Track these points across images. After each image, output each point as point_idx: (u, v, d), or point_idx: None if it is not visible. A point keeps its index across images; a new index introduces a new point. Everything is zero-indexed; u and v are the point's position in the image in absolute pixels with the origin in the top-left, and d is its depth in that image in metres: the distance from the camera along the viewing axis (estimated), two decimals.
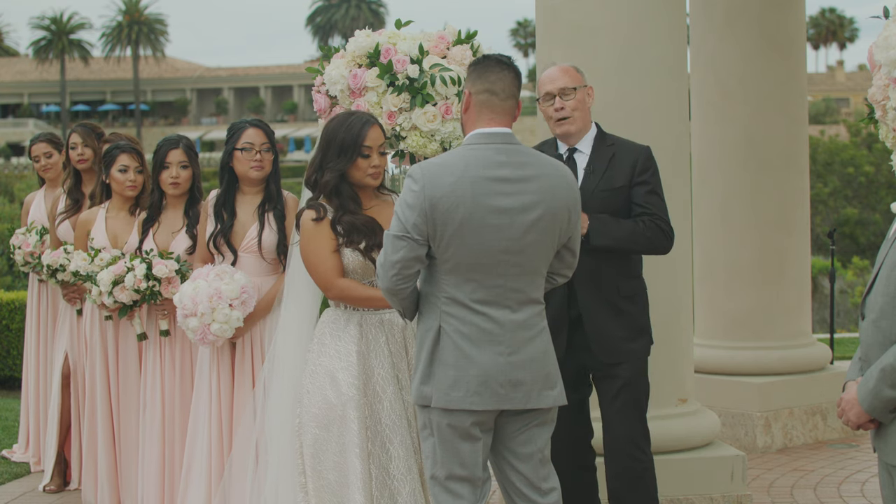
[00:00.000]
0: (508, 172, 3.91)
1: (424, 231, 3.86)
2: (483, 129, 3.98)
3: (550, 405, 4.02)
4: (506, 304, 3.92)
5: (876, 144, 28.58)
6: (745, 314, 7.63)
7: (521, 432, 4.03)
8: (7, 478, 7.07)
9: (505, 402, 3.93)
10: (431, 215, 3.85)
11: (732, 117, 7.65)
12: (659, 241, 4.78)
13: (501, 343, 3.91)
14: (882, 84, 4.06)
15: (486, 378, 3.89)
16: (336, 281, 4.48)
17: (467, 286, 3.90)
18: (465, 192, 3.85)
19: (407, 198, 3.89)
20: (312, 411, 4.47)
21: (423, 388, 3.97)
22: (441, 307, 3.93)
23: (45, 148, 7.32)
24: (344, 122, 4.55)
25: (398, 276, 3.91)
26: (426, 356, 3.96)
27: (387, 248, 3.93)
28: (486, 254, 3.87)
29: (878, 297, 3.50)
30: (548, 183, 3.95)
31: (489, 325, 3.90)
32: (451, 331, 3.91)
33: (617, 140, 4.92)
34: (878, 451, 3.57)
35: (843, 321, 18.88)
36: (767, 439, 7.40)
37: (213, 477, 5.27)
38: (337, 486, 4.42)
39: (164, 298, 5.57)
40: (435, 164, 3.94)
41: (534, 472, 4.06)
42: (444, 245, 3.87)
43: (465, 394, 3.89)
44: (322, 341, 4.55)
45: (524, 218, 3.89)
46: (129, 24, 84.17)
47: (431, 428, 4.00)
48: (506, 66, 4.04)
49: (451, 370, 3.90)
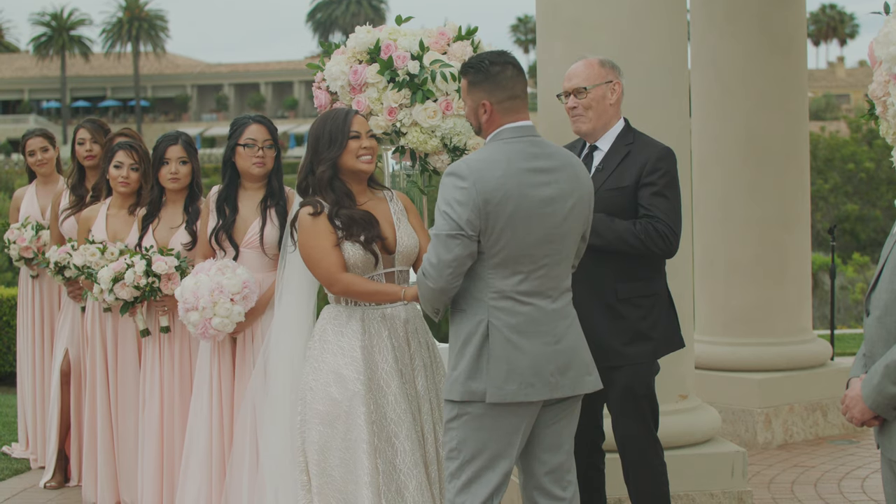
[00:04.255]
0: (544, 163, 4.02)
1: (477, 226, 3.92)
2: (511, 123, 4.07)
3: (592, 389, 4.14)
4: (547, 294, 4.02)
5: (876, 141, 28.58)
6: (746, 310, 7.63)
7: (553, 423, 4.12)
8: (8, 474, 7.08)
9: (556, 391, 4.01)
10: (484, 210, 3.91)
11: (733, 114, 7.65)
12: (654, 244, 4.64)
13: (547, 333, 4.00)
14: (882, 80, 4.06)
15: (538, 368, 3.97)
16: (340, 276, 4.48)
17: (514, 278, 3.97)
18: (512, 184, 3.93)
19: (456, 195, 3.92)
20: (317, 408, 4.46)
21: (470, 384, 3.98)
22: (488, 302, 3.98)
23: (41, 142, 7.30)
24: (328, 116, 4.62)
25: (453, 275, 3.95)
26: (473, 351, 3.98)
27: (438, 249, 3.94)
28: (533, 245, 3.96)
29: (882, 293, 3.50)
30: (573, 172, 4.10)
31: (537, 314, 3.99)
32: (501, 324, 3.96)
33: (638, 138, 4.82)
34: (882, 447, 3.57)
35: (843, 317, 18.87)
36: (768, 435, 7.40)
37: (213, 472, 5.27)
38: (342, 482, 4.41)
39: (164, 295, 5.58)
40: (479, 161, 3.99)
41: (560, 464, 4.14)
42: (495, 238, 3.93)
43: (519, 386, 3.95)
44: (324, 338, 4.55)
45: (563, 206, 4.02)
46: (130, 20, 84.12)
47: (469, 421, 3.99)
48: (511, 65, 4.11)
49: (504, 363, 3.95)
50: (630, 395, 4.74)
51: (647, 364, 4.77)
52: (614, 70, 4.83)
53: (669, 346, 4.87)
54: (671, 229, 4.69)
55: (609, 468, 5.03)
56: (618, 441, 4.83)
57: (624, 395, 4.74)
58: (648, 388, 4.79)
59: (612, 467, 5.03)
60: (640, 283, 4.75)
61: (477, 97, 4.09)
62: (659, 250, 4.68)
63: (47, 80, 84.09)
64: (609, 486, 5.08)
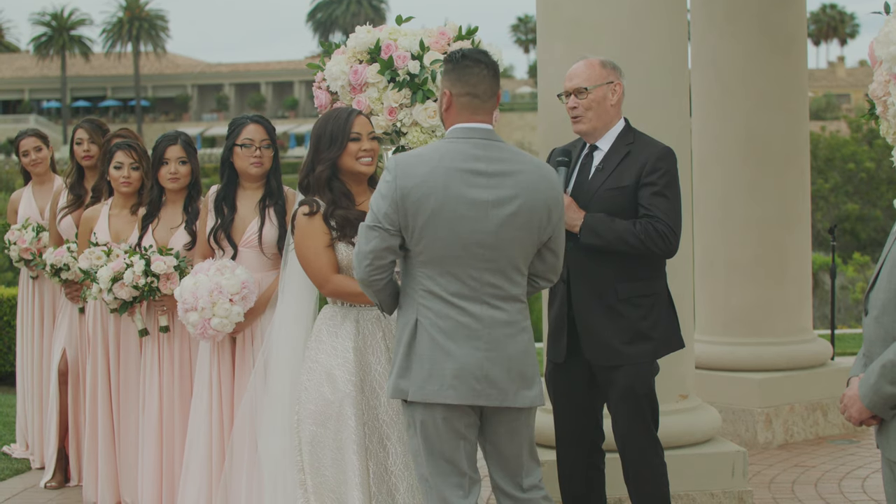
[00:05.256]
0: (483, 166, 3.94)
1: (396, 221, 3.90)
2: (464, 124, 4.02)
3: (528, 405, 4.02)
4: (483, 300, 3.93)
5: (877, 140, 28.60)
6: (746, 310, 7.63)
7: (498, 431, 4.04)
8: (8, 474, 7.08)
9: (481, 398, 3.93)
10: (402, 205, 3.88)
11: (733, 113, 7.65)
12: (654, 244, 4.63)
13: (479, 338, 3.92)
14: (883, 80, 4.06)
15: (462, 372, 3.90)
16: (331, 277, 4.49)
17: (443, 279, 3.92)
18: (436, 182, 3.88)
19: (381, 188, 3.94)
20: (309, 408, 4.47)
21: (399, 382, 3.98)
22: (418, 300, 3.95)
23: (34, 142, 7.30)
24: (330, 116, 4.63)
25: (371, 267, 3.94)
26: (403, 350, 3.97)
27: (360, 239, 3.97)
28: (459, 246, 3.89)
29: (880, 293, 3.50)
30: (525, 179, 3.97)
31: (466, 319, 3.92)
32: (428, 324, 3.93)
33: (638, 138, 4.82)
34: (881, 447, 3.57)
35: (843, 317, 18.88)
36: (768, 435, 7.40)
37: (213, 472, 5.27)
38: (335, 482, 4.42)
39: (163, 294, 5.58)
40: (410, 156, 3.99)
41: (517, 468, 4.08)
42: (417, 236, 3.90)
43: (439, 387, 3.90)
44: (319, 338, 4.56)
45: (499, 212, 3.91)
46: (130, 19, 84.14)
47: (415, 426, 4.01)
48: (484, 66, 4.06)
49: (427, 363, 3.92)
50: (630, 395, 4.74)
51: (647, 364, 4.76)
52: (615, 71, 4.83)
53: (669, 346, 4.86)
54: (671, 229, 4.69)
55: (609, 468, 5.03)
56: (618, 441, 4.83)
57: (624, 394, 4.74)
58: (648, 388, 4.78)
59: (613, 467, 5.02)
60: (641, 283, 4.75)
61: (443, 86, 4.09)
62: (659, 250, 4.68)
63: (47, 79, 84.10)
64: (609, 486, 5.08)
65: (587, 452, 4.92)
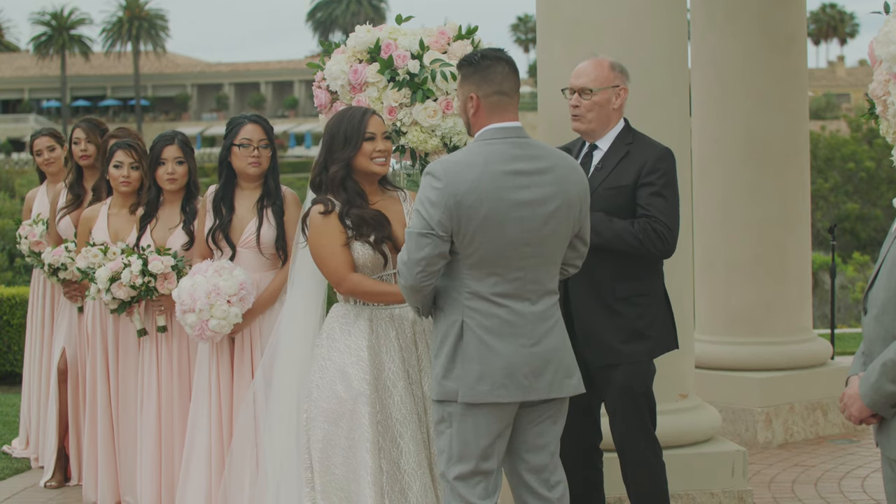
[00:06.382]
0: (525, 165, 3.98)
1: (449, 227, 3.91)
2: (496, 124, 4.04)
3: (571, 393, 4.10)
4: (526, 297, 3.99)
5: (877, 140, 28.60)
6: (746, 309, 7.63)
7: (535, 424, 4.09)
8: (8, 473, 7.08)
9: (530, 393, 3.98)
10: (456, 212, 3.89)
11: (733, 113, 7.65)
12: (651, 244, 4.66)
13: (524, 335, 3.97)
14: (882, 79, 4.06)
15: (511, 370, 3.94)
16: (348, 275, 4.48)
17: (489, 280, 3.95)
18: (487, 187, 3.91)
19: (430, 195, 3.93)
20: (322, 406, 4.46)
21: (445, 383, 3.99)
22: (464, 302, 3.98)
23: (48, 142, 7.34)
24: (345, 115, 4.60)
25: (423, 274, 3.95)
26: (448, 351, 3.99)
27: (410, 246, 3.96)
28: (508, 247, 3.93)
29: (879, 292, 3.51)
30: (561, 174, 4.03)
31: (512, 317, 3.96)
32: (475, 325, 3.95)
33: (638, 138, 4.84)
34: (881, 445, 3.57)
35: (843, 317, 18.88)
36: (768, 435, 7.40)
37: (213, 472, 5.28)
38: (345, 481, 4.41)
39: (161, 294, 5.58)
40: (455, 162, 3.97)
41: (543, 464, 4.12)
42: (469, 240, 3.92)
43: (490, 387, 3.93)
44: (332, 336, 4.54)
45: (543, 209, 3.97)
46: (130, 19, 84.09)
47: (452, 422, 4.02)
48: (505, 62, 4.08)
49: (476, 364, 3.94)
50: (628, 394, 4.75)
51: (644, 363, 4.78)
52: (623, 75, 4.84)
53: (665, 346, 4.87)
54: (669, 229, 4.71)
55: (608, 467, 5.03)
56: (616, 440, 4.83)
57: (622, 393, 4.75)
58: (646, 387, 4.80)
59: (611, 466, 5.02)
60: (638, 283, 4.77)
61: (466, 90, 4.09)
62: (656, 250, 4.69)
63: (47, 79, 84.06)
64: (608, 486, 5.08)
65: (585, 452, 4.93)
